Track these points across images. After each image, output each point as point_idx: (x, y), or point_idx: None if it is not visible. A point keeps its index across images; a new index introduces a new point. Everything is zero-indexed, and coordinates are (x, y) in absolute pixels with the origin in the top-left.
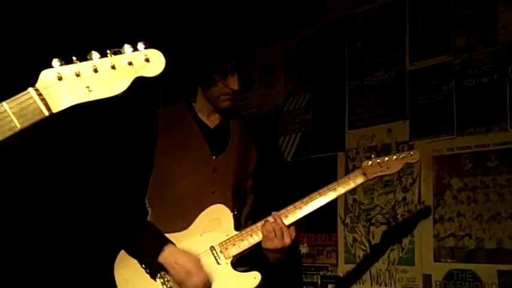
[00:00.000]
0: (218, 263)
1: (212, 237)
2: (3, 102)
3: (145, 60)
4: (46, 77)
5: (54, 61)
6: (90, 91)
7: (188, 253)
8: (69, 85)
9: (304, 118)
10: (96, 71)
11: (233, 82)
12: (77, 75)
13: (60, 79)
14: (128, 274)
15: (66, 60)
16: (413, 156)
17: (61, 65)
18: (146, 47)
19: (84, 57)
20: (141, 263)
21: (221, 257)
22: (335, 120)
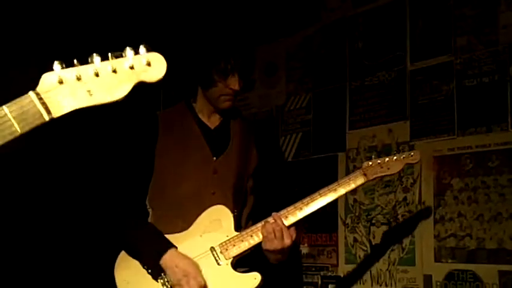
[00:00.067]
0: (218, 264)
1: (212, 238)
2: (3, 106)
3: (146, 64)
4: (47, 81)
5: (55, 64)
6: (91, 95)
7: (188, 257)
8: (70, 89)
9: (305, 118)
10: (97, 75)
11: (233, 82)
12: (78, 79)
13: (61, 83)
14: (129, 275)
15: (66, 62)
16: (413, 156)
17: (62, 68)
18: (148, 50)
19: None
20: (142, 265)
21: (221, 258)
22: (336, 120)
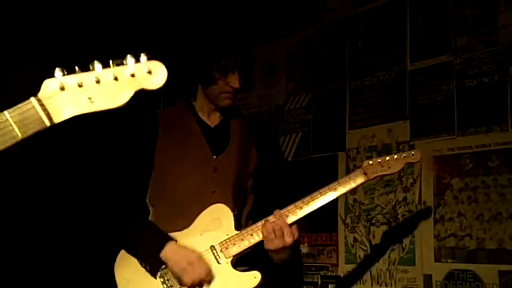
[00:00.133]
0: (218, 263)
1: (212, 236)
2: (4, 111)
3: (147, 72)
4: (48, 87)
5: (56, 70)
6: (92, 102)
7: (189, 248)
8: (71, 96)
9: (304, 118)
10: (98, 82)
11: (234, 80)
12: (80, 85)
13: (62, 89)
14: (129, 273)
15: (68, 68)
16: (414, 155)
17: (63, 75)
18: (149, 59)
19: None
20: (142, 261)
21: (221, 257)
22: (336, 120)
